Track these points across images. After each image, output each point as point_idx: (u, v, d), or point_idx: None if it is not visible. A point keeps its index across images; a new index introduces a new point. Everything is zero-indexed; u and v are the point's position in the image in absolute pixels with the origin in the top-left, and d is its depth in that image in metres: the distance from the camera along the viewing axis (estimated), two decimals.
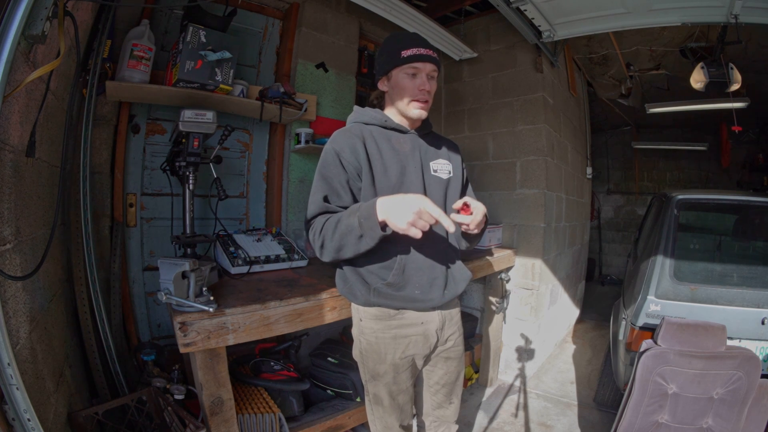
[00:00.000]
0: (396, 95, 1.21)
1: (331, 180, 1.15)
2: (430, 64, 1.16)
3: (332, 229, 1.07)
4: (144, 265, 1.95)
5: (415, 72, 1.16)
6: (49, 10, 0.86)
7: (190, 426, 1.21)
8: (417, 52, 1.14)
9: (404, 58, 1.14)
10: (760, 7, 1.91)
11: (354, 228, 1.02)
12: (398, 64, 1.16)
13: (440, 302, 1.21)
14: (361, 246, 1.04)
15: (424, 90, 1.16)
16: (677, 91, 3.74)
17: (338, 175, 1.15)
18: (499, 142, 2.85)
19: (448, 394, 1.33)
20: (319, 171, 1.17)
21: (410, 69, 1.15)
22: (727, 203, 2.21)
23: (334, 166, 1.15)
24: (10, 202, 0.93)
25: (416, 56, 1.14)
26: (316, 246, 1.11)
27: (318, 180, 1.17)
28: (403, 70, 1.16)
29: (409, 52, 1.14)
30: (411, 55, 1.14)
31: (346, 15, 2.50)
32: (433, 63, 1.17)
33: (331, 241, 1.07)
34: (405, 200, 0.96)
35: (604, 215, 6.23)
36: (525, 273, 2.72)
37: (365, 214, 1.01)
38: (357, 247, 1.05)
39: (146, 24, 1.66)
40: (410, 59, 1.14)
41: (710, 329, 1.41)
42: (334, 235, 1.06)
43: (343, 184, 1.15)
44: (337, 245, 1.07)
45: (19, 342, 0.92)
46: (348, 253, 1.08)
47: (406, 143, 1.23)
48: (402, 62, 1.15)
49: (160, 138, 1.97)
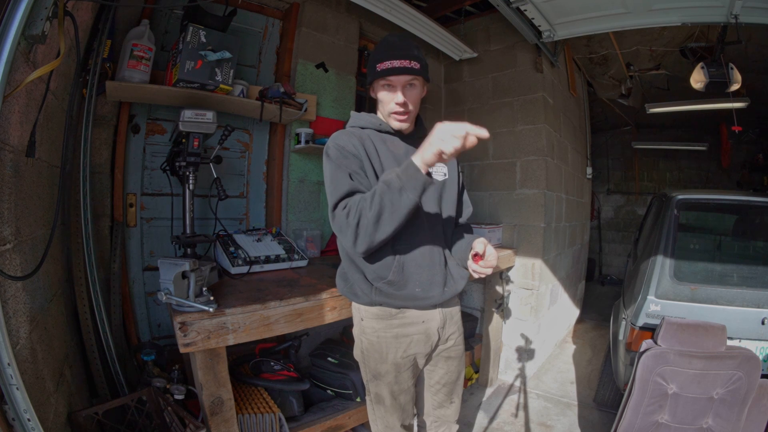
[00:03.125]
0: (380, 106, 1.22)
1: (347, 166, 1.12)
2: (405, 76, 1.12)
3: (369, 199, 1.01)
4: (144, 265, 1.95)
5: (390, 84, 1.14)
6: (49, 10, 0.86)
7: (190, 426, 1.21)
8: (390, 66, 1.11)
9: (378, 72, 1.14)
10: (760, 7, 1.91)
11: (393, 184, 0.98)
12: (375, 77, 1.15)
13: (441, 300, 1.21)
14: (403, 201, 0.98)
15: (399, 104, 1.15)
16: (677, 91, 3.74)
17: (350, 163, 1.13)
18: (499, 142, 2.85)
19: (449, 394, 1.33)
20: (331, 161, 1.14)
21: (385, 82, 1.15)
22: (727, 203, 2.21)
23: (343, 157, 1.14)
24: (10, 202, 0.93)
25: (389, 70, 1.12)
26: (351, 225, 1.02)
27: (333, 168, 1.13)
28: (380, 83, 1.16)
29: (382, 66, 1.12)
30: (383, 70, 1.12)
31: (346, 15, 2.50)
32: (409, 73, 1.12)
33: (370, 210, 0.99)
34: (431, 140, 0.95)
35: (604, 215, 6.23)
36: (525, 273, 2.72)
37: (403, 167, 0.98)
38: (399, 206, 0.99)
39: (146, 24, 1.66)
40: (383, 73, 1.13)
41: (710, 329, 1.41)
42: (372, 203, 1.00)
43: (356, 170, 1.13)
44: (377, 211, 0.99)
45: (19, 342, 0.92)
46: (387, 221, 1.00)
47: (400, 146, 1.24)
48: (377, 76, 1.14)
49: (160, 138, 1.97)
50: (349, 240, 1.05)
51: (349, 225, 1.03)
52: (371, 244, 1.04)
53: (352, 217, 1.02)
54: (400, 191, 0.98)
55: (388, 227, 1.01)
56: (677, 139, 5.39)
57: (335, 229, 1.09)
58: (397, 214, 1.00)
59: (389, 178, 1.00)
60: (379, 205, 0.99)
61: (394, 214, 1.00)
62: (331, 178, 1.12)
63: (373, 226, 1.01)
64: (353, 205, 1.04)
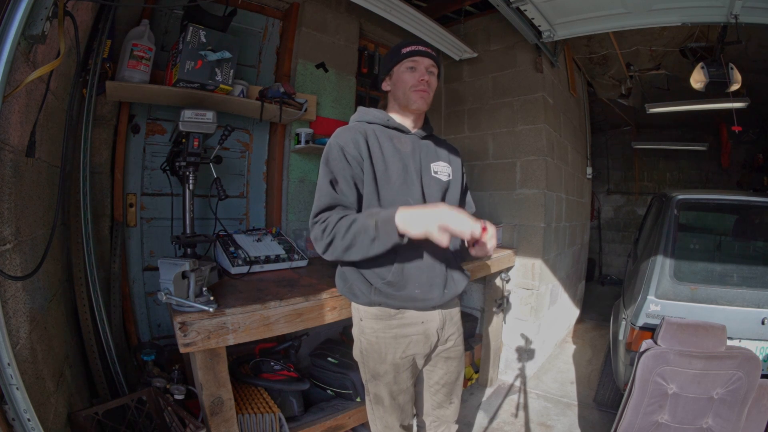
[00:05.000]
0: (398, 90, 1.25)
1: (337, 174, 1.14)
2: (428, 59, 1.22)
3: (345, 228, 1.06)
4: (144, 265, 1.95)
5: (414, 65, 1.21)
6: (49, 10, 0.86)
7: (190, 426, 1.21)
8: (415, 49, 1.21)
9: (403, 54, 1.22)
10: (760, 7, 1.91)
11: (369, 229, 1.03)
12: (398, 60, 1.23)
13: (440, 301, 1.21)
14: (372, 249, 1.05)
15: (423, 80, 1.20)
16: (677, 91, 3.74)
17: (343, 169, 1.14)
18: (499, 142, 2.85)
19: (449, 394, 1.33)
20: (325, 165, 1.16)
21: (409, 62, 1.22)
22: (727, 203, 2.21)
23: (339, 161, 1.15)
24: (10, 202, 0.93)
25: (414, 51, 1.21)
26: (323, 242, 1.09)
27: (324, 174, 1.16)
28: (403, 65, 1.22)
29: (408, 49, 1.22)
30: (409, 51, 1.21)
31: (346, 15, 2.50)
32: (431, 59, 1.23)
33: (342, 240, 1.06)
34: (427, 213, 0.98)
35: (604, 215, 6.23)
36: (525, 273, 2.72)
37: (384, 218, 1.02)
38: (367, 250, 1.05)
39: (146, 24, 1.66)
40: (409, 54, 1.21)
41: (710, 329, 1.41)
42: (346, 234, 1.06)
43: (347, 178, 1.15)
44: (348, 243, 1.06)
45: (19, 342, 0.92)
46: (354, 255, 1.07)
47: (407, 143, 1.24)
48: (402, 58, 1.22)
49: (160, 138, 1.97)
50: (320, 251, 1.12)
51: (321, 239, 1.10)
52: (339, 260, 1.15)
53: (325, 236, 1.09)
54: (372, 241, 1.03)
55: (356, 257, 1.09)
56: (677, 139, 5.39)
57: (311, 234, 1.14)
58: (364, 253, 1.07)
59: (368, 223, 1.04)
60: (351, 241, 1.06)
61: (361, 252, 1.07)
62: (319, 184, 1.17)
63: (341, 252, 1.08)
64: (330, 225, 1.08)
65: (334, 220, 1.09)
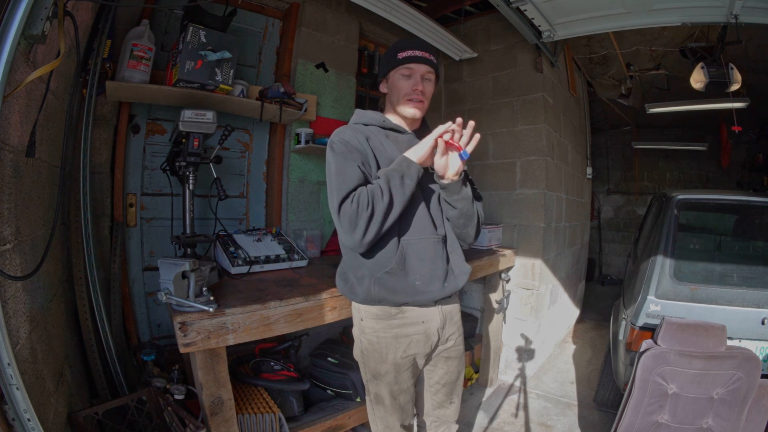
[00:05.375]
0: (393, 95, 1.25)
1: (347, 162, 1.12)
2: (424, 65, 1.19)
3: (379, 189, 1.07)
4: (144, 265, 1.95)
5: (409, 73, 1.19)
6: (49, 10, 0.86)
7: (190, 426, 1.21)
8: (411, 54, 1.18)
9: (399, 60, 1.19)
10: (760, 7, 1.91)
11: (393, 175, 1.08)
12: (394, 65, 1.21)
13: (440, 295, 1.21)
14: (405, 189, 1.09)
15: (417, 90, 1.19)
16: (677, 91, 3.74)
17: (353, 158, 1.13)
18: (499, 142, 2.85)
19: (449, 394, 1.33)
20: (336, 154, 1.14)
21: (405, 70, 1.19)
22: (727, 203, 2.21)
23: (348, 150, 1.14)
24: (10, 202, 0.93)
25: (410, 57, 1.18)
26: (364, 217, 1.05)
27: (340, 161, 1.13)
28: (399, 71, 1.21)
29: (404, 54, 1.19)
30: (405, 57, 1.19)
31: (346, 15, 2.50)
32: (428, 65, 1.20)
33: (382, 199, 1.06)
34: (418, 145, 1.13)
35: (604, 215, 6.23)
36: (525, 273, 2.72)
37: (398, 160, 1.11)
38: (403, 192, 1.08)
39: (146, 24, 1.66)
40: (404, 60, 1.19)
41: (710, 329, 1.41)
42: (383, 192, 1.07)
43: (358, 165, 1.13)
44: (388, 199, 1.07)
45: (19, 342, 0.92)
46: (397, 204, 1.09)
47: (404, 142, 1.24)
48: (397, 63, 1.20)
49: (160, 138, 1.97)
50: (360, 230, 1.06)
51: (362, 216, 1.05)
52: (378, 234, 1.09)
53: (363, 208, 1.05)
54: (402, 179, 1.07)
55: (395, 215, 1.10)
56: (677, 139, 5.39)
57: (344, 221, 1.08)
58: (402, 197, 1.09)
59: (388, 170, 1.10)
60: (388, 195, 1.07)
61: (400, 196, 1.08)
62: (337, 170, 1.12)
63: (384, 210, 1.06)
64: (363, 197, 1.06)
65: (364, 192, 1.07)
